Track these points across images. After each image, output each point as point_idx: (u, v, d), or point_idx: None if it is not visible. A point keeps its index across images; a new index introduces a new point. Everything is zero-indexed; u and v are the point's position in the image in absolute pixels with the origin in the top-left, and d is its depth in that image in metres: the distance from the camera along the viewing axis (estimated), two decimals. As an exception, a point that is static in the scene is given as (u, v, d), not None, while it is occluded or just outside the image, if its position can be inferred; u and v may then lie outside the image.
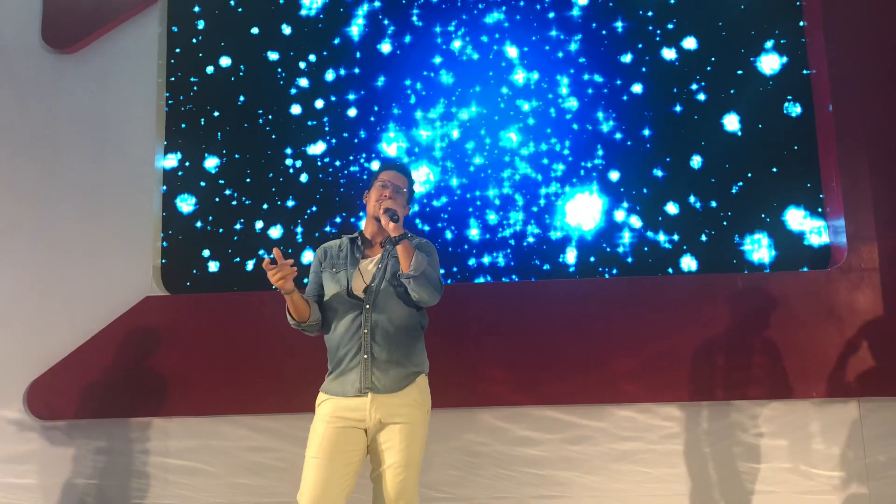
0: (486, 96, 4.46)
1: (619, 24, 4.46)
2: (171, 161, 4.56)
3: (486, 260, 4.31)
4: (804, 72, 4.34)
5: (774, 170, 4.25)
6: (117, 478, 4.15)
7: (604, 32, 4.46)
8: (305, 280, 2.90)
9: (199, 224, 4.48)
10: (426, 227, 4.37)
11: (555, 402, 4.02)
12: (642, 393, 3.96)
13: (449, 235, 4.34)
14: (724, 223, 4.23)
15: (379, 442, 2.51)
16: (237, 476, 4.11)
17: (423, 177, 4.39)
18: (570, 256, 4.28)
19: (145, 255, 4.37)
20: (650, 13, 4.46)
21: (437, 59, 4.51)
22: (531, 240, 4.30)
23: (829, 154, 4.16)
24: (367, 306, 2.57)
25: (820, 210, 4.20)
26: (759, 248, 4.20)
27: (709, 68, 4.37)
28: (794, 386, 3.89)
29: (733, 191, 4.25)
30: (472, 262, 4.31)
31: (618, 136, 4.36)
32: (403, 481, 2.48)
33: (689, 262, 4.22)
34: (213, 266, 4.43)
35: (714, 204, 4.25)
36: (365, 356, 2.52)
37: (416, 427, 2.54)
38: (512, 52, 4.48)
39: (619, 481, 3.97)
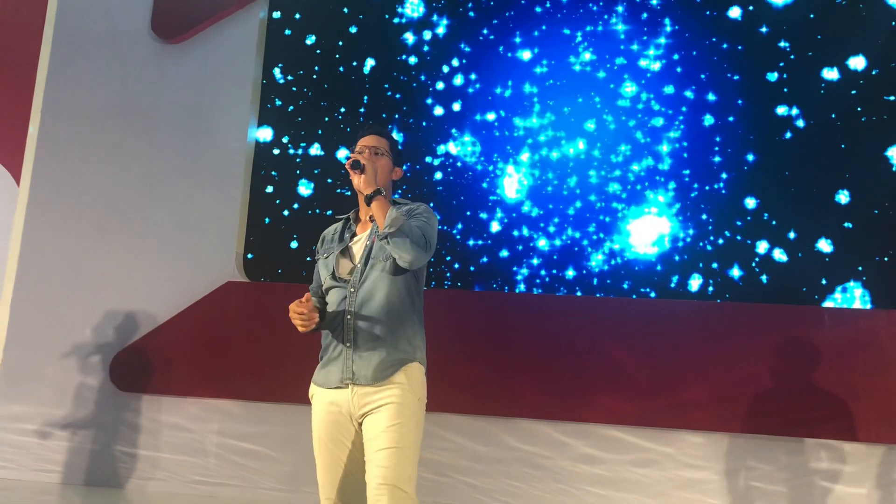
0: (607, 109, 4.42)
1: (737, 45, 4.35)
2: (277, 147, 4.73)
3: (570, 273, 4.29)
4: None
5: (876, 212, 4.07)
6: (184, 453, 4.30)
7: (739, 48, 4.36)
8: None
9: (296, 207, 4.62)
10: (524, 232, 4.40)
11: (621, 423, 3.96)
12: (714, 421, 3.85)
13: (558, 243, 4.34)
14: (818, 252, 4.07)
15: (366, 429, 2.27)
16: (301, 464, 4.18)
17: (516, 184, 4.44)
18: (649, 276, 4.21)
19: (231, 240, 4.52)
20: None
21: (540, 69, 4.50)
22: (602, 258, 4.26)
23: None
24: (352, 289, 2.33)
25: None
26: (852, 284, 4.03)
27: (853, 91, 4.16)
28: (879, 430, 3.71)
29: (831, 223, 4.10)
30: (569, 272, 4.30)
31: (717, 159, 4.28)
32: (394, 467, 2.17)
33: (779, 292, 4.06)
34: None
35: (807, 232, 4.10)
36: (347, 344, 2.30)
37: (405, 408, 2.25)
38: (653, 65, 4.42)
39: (683, 510, 3.87)
